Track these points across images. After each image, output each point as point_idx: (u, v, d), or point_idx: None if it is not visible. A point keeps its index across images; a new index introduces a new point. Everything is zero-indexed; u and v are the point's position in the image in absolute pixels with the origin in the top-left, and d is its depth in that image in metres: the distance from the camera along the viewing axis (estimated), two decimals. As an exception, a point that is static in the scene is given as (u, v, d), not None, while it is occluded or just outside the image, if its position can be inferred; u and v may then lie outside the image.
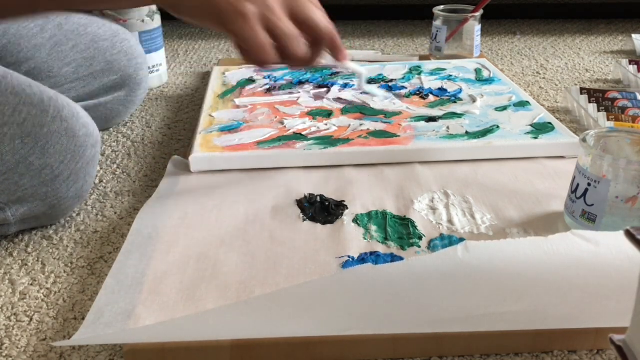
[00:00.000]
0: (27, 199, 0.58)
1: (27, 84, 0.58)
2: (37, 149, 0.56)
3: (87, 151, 0.60)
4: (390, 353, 0.46)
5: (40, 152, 0.57)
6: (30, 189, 0.57)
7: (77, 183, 0.60)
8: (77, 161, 0.59)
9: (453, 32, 1.08)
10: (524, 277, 0.45)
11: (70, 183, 0.59)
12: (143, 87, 0.88)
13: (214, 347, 0.45)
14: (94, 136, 0.61)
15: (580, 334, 0.46)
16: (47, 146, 0.57)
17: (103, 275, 0.55)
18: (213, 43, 1.35)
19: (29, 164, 0.56)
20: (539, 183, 0.67)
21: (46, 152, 0.57)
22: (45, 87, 0.60)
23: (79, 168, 0.60)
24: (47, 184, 0.58)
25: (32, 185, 0.57)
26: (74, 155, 0.59)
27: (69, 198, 0.60)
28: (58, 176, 0.58)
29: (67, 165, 0.58)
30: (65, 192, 0.59)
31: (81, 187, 0.61)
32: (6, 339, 0.48)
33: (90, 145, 0.61)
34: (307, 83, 0.93)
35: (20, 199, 0.57)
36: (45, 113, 0.57)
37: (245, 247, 0.56)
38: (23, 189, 0.57)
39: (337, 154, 0.71)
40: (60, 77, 0.79)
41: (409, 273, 0.45)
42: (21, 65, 0.76)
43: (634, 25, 1.48)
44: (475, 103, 0.84)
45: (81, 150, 0.60)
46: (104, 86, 0.83)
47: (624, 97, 0.89)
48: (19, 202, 0.58)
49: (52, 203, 0.59)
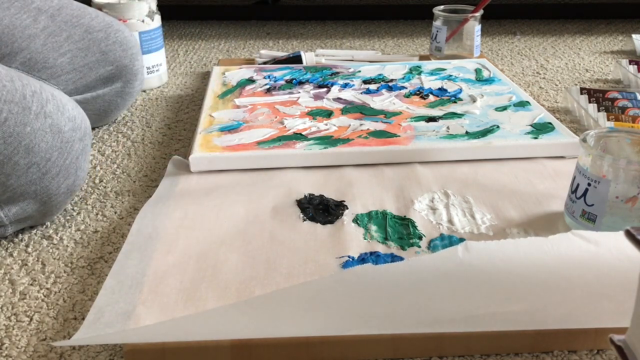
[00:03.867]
0: (17, 199, 0.57)
1: (7, 79, 0.56)
2: (21, 149, 0.55)
3: (75, 145, 0.59)
4: (390, 353, 0.46)
5: (24, 152, 0.55)
6: (18, 188, 0.56)
7: (67, 179, 0.59)
8: (65, 157, 0.58)
9: (453, 32, 1.08)
10: (524, 277, 0.45)
11: (61, 179, 0.59)
12: (139, 79, 0.88)
13: (214, 347, 0.45)
14: (81, 129, 0.60)
15: (580, 334, 0.46)
16: (31, 145, 0.56)
17: (103, 275, 0.55)
18: (213, 43, 1.35)
19: (14, 163, 0.55)
20: (539, 183, 0.67)
21: (31, 151, 0.56)
22: (30, 79, 0.58)
23: (68, 164, 0.59)
24: (35, 182, 0.57)
25: (20, 184, 0.56)
26: (60, 151, 0.58)
27: (60, 194, 0.59)
28: (46, 174, 0.57)
29: (54, 162, 0.57)
30: (55, 188, 0.59)
31: (72, 182, 0.60)
32: (6, 339, 0.48)
33: (78, 139, 0.59)
34: (307, 83, 0.93)
35: (10, 198, 0.57)
36: (27, 110, 0.55)
37: (245, 247, 0.56)
38: (11, 189, 0.56)
39: (337, 154, 0.71)
40: (57, 68, 0.78)
41: (409, 273, 0.45)
42: (16, 55, 0.75)
43: (634, 25, 1.48)
44: (475, 103, 0.84)
45: (68, 146, 0.58)
46: (100, 77, 0.83)
47: (624, 97, 0.89)
48: (10, 202, 0.57)
49: (43, 200, 0.58)
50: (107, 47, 0.82)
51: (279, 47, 1.32)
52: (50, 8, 0.78)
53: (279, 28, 1.48)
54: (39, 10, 0.77)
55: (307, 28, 1.48)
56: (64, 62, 0.79)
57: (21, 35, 0.76)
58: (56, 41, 0.78)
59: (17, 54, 0.75)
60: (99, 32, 0.82)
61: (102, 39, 0.82)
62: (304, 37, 1.39)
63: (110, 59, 0.83)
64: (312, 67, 1.01)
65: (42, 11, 0.77)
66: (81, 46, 0.80)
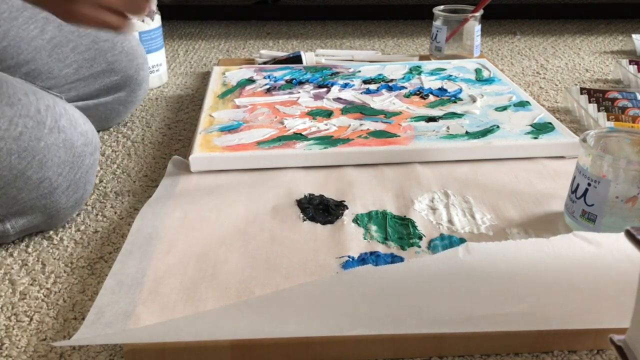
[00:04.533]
0: (26, 212, 0.57)
1: (22, 92, 0.56)
2: (35, 163, 0.55)
3: (86, 160, 0.60)
4: (390, 353, 0.46)
5: (37, 166, 0.55)
6: (28, 202, 0.56)
7: (76, 193, 0.60)
8: (76, 172, 0.59)
9: (453, 32, 1.08)
10: (525, 278, 0.45)
11: (70, 193, 0.59)
12: (143, 88, 0.88)
13: (214, 347, 0.45)
14: (92, 144, 0.60)
15: (580, 334, 0.46)
16: (44, 159, 0.56)
17: (103, 275, 0.55)
18: (213, 43, 1.35)
19: (27, 178, 0.55)
20: (539, 183, 0.67)
21: (44, 166, 0.56)
22: (42, 92, 0.58)
23: (78, 178, 0.59)
24: (45, 196, 0.57)
25: (31, 198, 0.56)
26: (72, 166, 0.58)
27: (68, 207, 0.60)
28: (57, 188, 0.57)
29: (65, 177, 0.58)
30: (64, 202, 0.59)
31: (80, 196, 0.60)
32: (6, 339, 0.48)
33: (89, 154, 0.60)
34: (307, 83, 0.93)
35: (19, 211, 0.57)
36: (42, 125, 0.55)
37: (245, 247, 0.56)
38: (21, 202, 0.56)
39: (337, 154, 0.71)
40: (60, 78, 0.78)
41: (410, 274, 0.45)
42: (21, 67, 0.75)
43: (634, 25, 1.48)
44: (475, 103, 0.84)
45: (79, 161, 0.59)
46: (104, 86, 0.82)
47: (624, 97, 0.89)
48: (18, 214, 0.57)
49: (51, 214, 0.59)
50: (113, 57, 0.82)
51: (279, 47, 1.32)
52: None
53: (279, 28, 1.48)
54: (46, 20, 0.76)
55: (307, 28, 1.48)
56: (68, 72, 0.79)
57: (27, 47, 0.75)
58: (62, 52, 0.78)
59: (23, 65, 0.75)
60: (106, 41, 0.82)
61: (108, 48, 0.82)
62: (304, 37, 1.39)
63: (116, 69, 0.83)
64: (312, 67, 1.01)
65: (50, 21, 0.77)
66: (87, 57, 0.80)
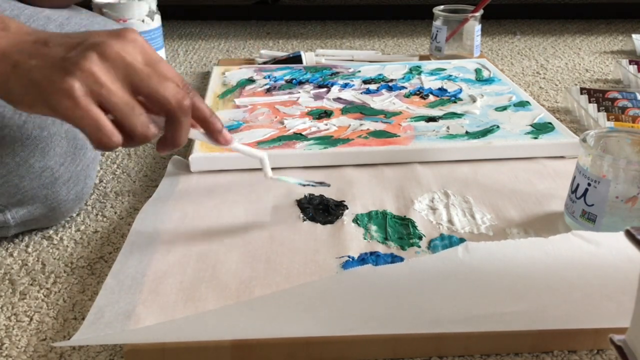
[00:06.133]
0: (27, 202, 0.57)
1: None
2: (37, 152, 0.56)
3: (88, 153, 0.60)
4: (390, 353, 0.46)
5: (40, 155, 0.56)
6: (30, 191, 0.57)
7: (77, 185, 0.60)
8: (78, 163, 0.59)
9: (453, 32, 1.08)
10: (525, 278, 0.45)
11: (71, 185, 0.59)
12: None
13: (214, 347, 0.45)
14: None
15: (580, 334, 0.46)
16: (47, 148, 0.57)
17: (103, 275, 0.55)
18: (213, 43, 1.35)
19: (29, 166, 0.56)
20: (539, 183, 0.67)
21: (46, 155, 0.57)
22: None
23: (79, 170, 0.60)
24: (47, 186, 0.57)
25: (32, 187, 0.57)
26: (74, 157, 0.59)
27: (69, 200, 0.60)
28: (58, 179, 0.58)
29: (67, 167, 0.58)
30: (65, 194, 0.59)
31: (81, 189, 0.61)
32: (6, 339, 0.48)
33: (91, 148, 0.60)
34: (307, 83, 0.93)
35: (20, 201, 0.57)
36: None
37: (245, 247, 0.56)
38: (23, 192, 0.57)
39: (337, 154, 0.71)
40: None
41: (410, 274, 0.45)
42: None
43: (634, 25, 1.48)
44: (475, 103, 0.84)
45: (81, 153, 0.60)
46: None
47: (624, 97, 0.89)
48: (19, 204, 0.57)
49: (52, 205, 0.59)
50: None
51: (279, 47, 1.32)
52: (60, 17, 0.78)
53: (279, 28, 1.48)
54: (48, 19, 0.76)
55: (307, 28, 1.48)
56: None
57: None
58: None
59: None
60: None
61: None
62: (304, 37, 1.39)
63: None
64: (312, 67, 1.01)
65: (51, 20, 0.77)
66: None
